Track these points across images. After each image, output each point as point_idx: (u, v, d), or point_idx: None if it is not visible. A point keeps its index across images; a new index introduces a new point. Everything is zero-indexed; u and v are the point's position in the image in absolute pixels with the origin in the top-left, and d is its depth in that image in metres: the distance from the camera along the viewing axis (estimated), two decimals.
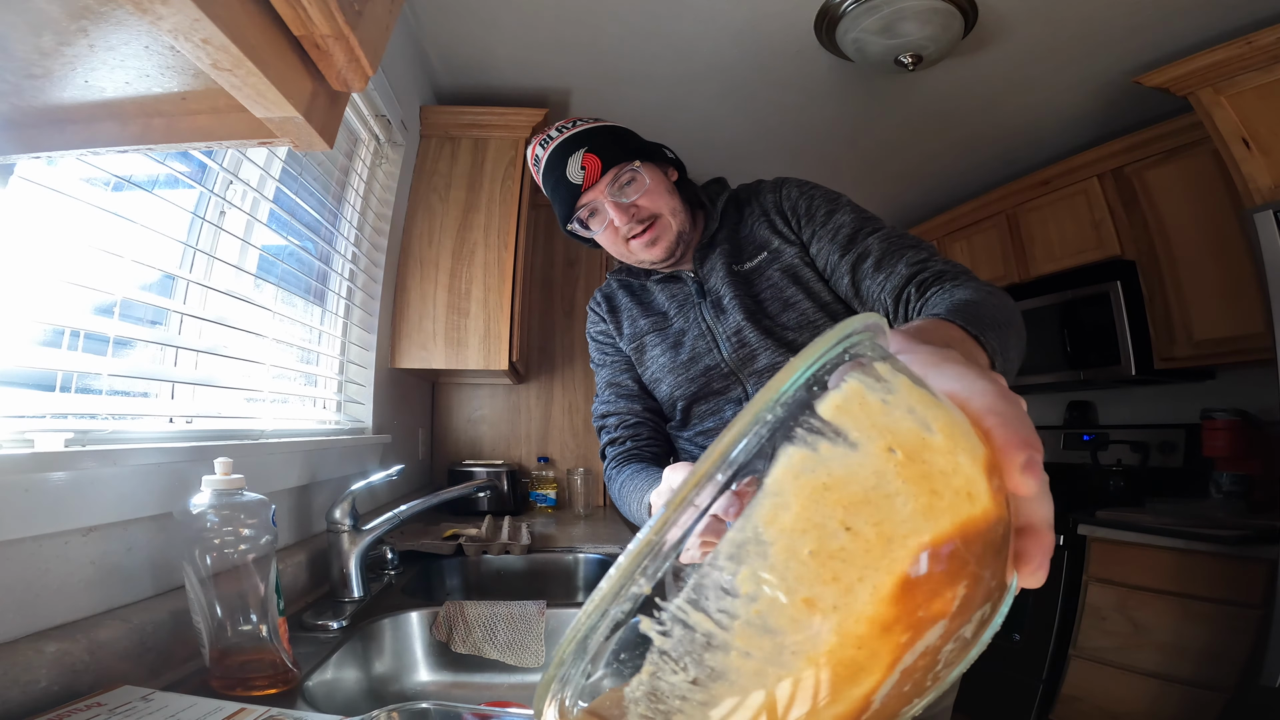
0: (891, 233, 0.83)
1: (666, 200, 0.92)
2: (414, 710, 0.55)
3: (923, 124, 2.38)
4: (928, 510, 0.19)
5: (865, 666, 0.19)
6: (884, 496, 0.19)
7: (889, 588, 0.18)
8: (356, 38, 0.38)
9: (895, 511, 0.19)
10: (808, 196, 0.91)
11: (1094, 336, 2.34)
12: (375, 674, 0.92)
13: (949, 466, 0.20)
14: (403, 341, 1.88)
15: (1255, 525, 1.71)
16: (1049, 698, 2.04)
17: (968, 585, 0.20)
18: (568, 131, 0.91)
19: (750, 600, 0.19)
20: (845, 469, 0.19)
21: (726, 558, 0.19)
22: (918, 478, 0.19)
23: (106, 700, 0.55)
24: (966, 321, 0.47)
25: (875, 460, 0.19)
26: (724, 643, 0.19)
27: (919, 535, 0.19)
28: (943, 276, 0.73)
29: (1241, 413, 2.05)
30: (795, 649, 0.18)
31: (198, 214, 0.99)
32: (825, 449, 0.20)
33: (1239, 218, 1.78)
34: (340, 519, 1.03)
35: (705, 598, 0.19)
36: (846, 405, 0.20)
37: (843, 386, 0.21)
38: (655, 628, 0.20)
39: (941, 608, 0.19)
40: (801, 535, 0.19)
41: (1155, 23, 1.78)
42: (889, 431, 0.20)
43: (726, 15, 1.75)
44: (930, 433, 0.20)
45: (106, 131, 0.44)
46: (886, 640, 0.19)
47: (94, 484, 0.65)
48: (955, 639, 0.20)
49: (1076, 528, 2.05)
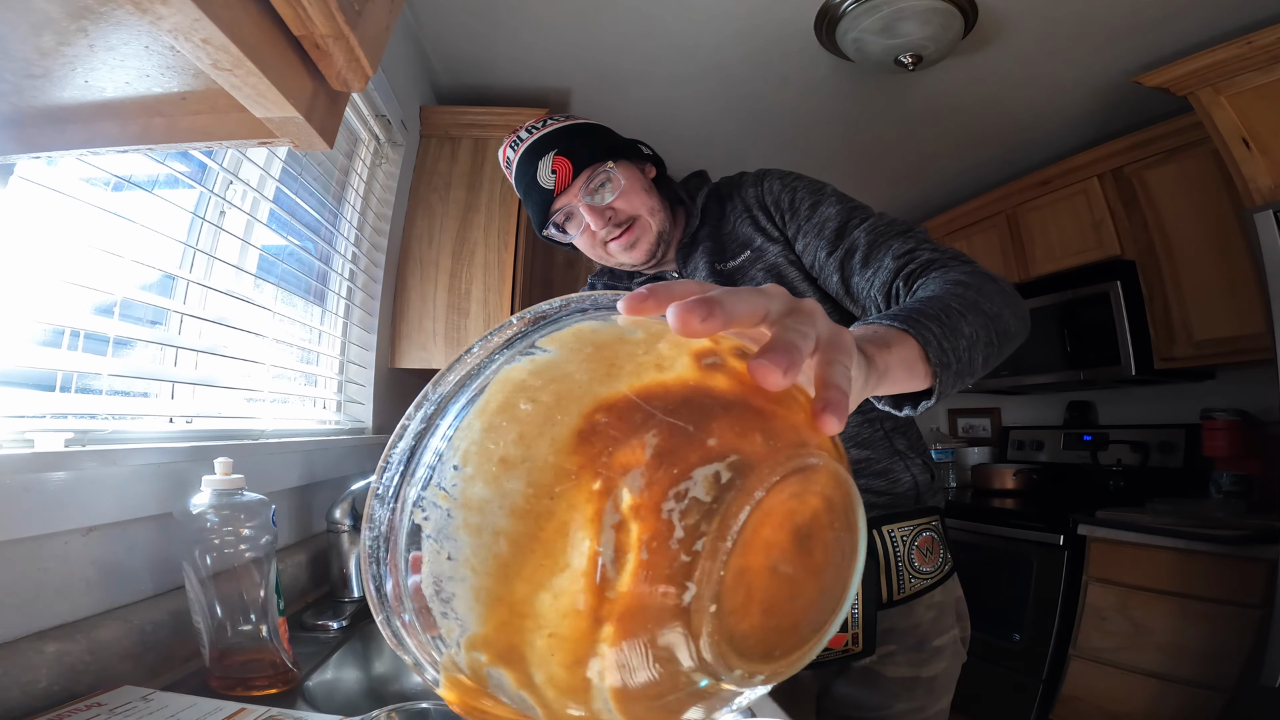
0: (878, 222, 0.79)
1: (644, 200, 0.88)
2: (414, 710, 0.55)
3: (923, 124, 2.38)
4: (604, 378, 0.22)
5: (566, 519, 0.20)
6: (565, 375, 0.22)
7: (565, 437, 0.21)
8: (356, 38, 0.38)
9: (571, 382, 0.22)
10: (790, 189, 0.87)
11: (1094, 336, 2.34)
12: (375, 674, 0.92)
13: (639, 350, 0.22)
14: (403, 341, 1.88)
15: (1255, 525, 1.71)
16: (1049, 698, 2.04)
17: (660, 434, 0.21)
18: (537, 133, 0.87)
19: (467, 469, 0.21)
20: (542, 367, 0.23)
21: (451, 443, 0.22)
22: (599, 360, 0.22)
23: (106, 700, 0.55)
24: (897, 319, 0.46)
25: (568, 357, 0.23)
26: (456, 512, 0.21)
27: (592, 394, 0.21)
28: (930, 266, 0.69)
29: (1241, 413, 2.05)
30: (500, 501, 0.20)
31: (198, 214, 0.99)
32: (532, 361, 0.23)
33: (1239, 218, 1.78)
34: (340, 519, 1.03)
35: (444, 478, 0.22)
36: (561, 335, 0.24)
37: (567, 325, 0.24)
38: (420, 516, 0.22)
39: (630, 457, 0.20)
40: (499, 414, 0.22)
41: (1155, 23, 1.78)
42: (590, 342, 0.23)
43: (727, 15, 1.75)
44: (631, 333, 0.23)
45: (106, 131, 0.44)
46: (578, 488, 0.20)
47: (94, 484, 0.65)
48: (679, 497, 0.20)
49: (1076, 528, 2.05)
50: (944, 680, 0.88)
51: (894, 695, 0.85)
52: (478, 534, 0.21)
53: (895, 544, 0.85)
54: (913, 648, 0.86)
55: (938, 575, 0.88)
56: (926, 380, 0.45)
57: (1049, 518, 2.15)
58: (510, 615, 0.20)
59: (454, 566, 0.21)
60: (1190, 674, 1.74)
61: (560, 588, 0.20)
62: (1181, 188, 2.12)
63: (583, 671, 0.20)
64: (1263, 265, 1.66)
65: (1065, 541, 2.07)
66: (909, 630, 0.86)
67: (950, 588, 0.91)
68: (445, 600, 0.21)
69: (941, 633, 0.88)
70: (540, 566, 0.20)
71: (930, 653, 0.86)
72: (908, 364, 0.44)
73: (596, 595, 0.20)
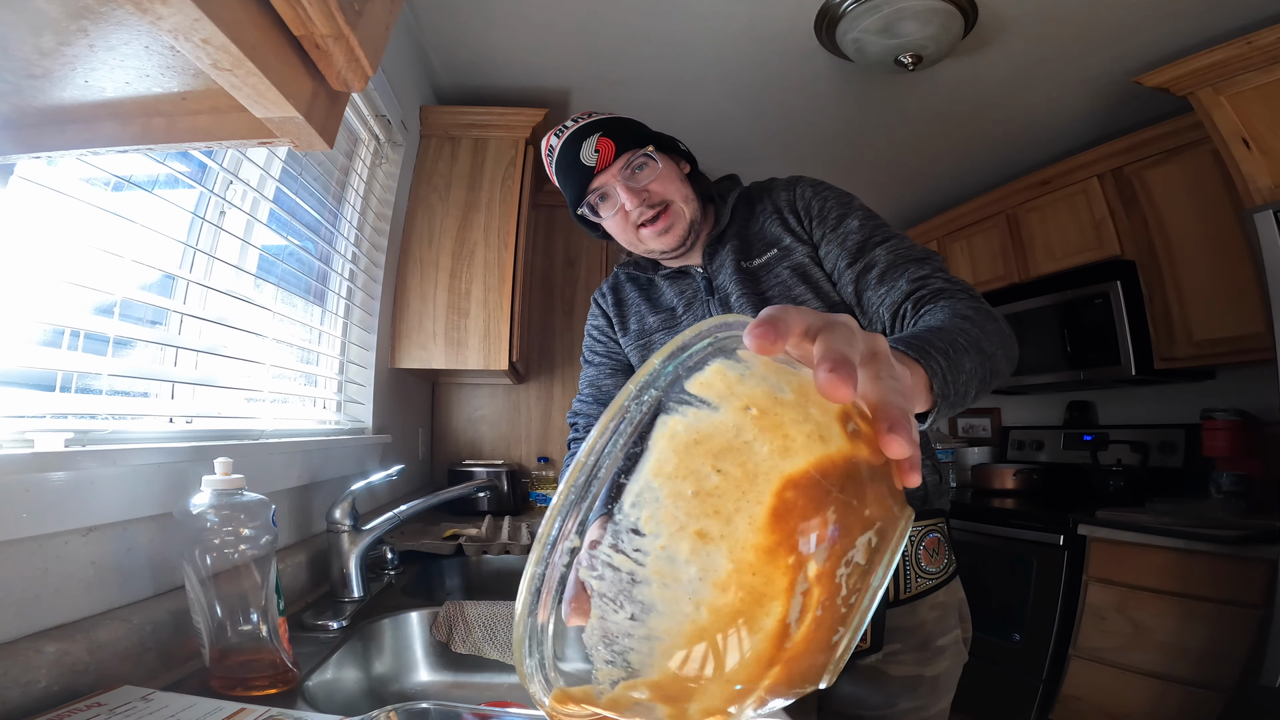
0: (899, 244, 0.84)
1: (678, 188, 0.91)
2: (414, 710, 0.55)
3: (923, 124, 2.38)
4: (783, 451, 0.23)
5: (764, 591, 0.22)
6: (744, 444, 0.23)
7: (763, 516, 0.22)
8: (356, 38, 0.38)
9: (755, 454, 0.23)
10: (821, 197, 0.91)
11: (1094, 336, 2.34)
12: (375, 674, 0.92)
13: (800, 417, 0.24)
14: (403, 341, 1.88)
15: (1255, 525, 1.71)
16: (1049, 698, 2.04)
17: (837, 511, 0.23)
18: (582, 121, 0.92)
19: (655, 537, 0.23)
20: (710, 426, 0.24)
21: (630, 505, 0.23)
22: (771, 427, 0.23)
23: (106, 700, 0.55)
24: (910, 347, 0.50)
25: (734, 417, 0.24)
26: (645, 578, 0.23)
27: (779, 470, 0.23)
28: (940, 295, 0.74)
29: (1241, 413, 2.05)
30: (701, 575, 0.22)
31: (198, 214, 0.99)
32: (693, 414, 0.24)
33: (1239, 218, 1.78)
34: (340, 519, 1.03)
35: (621, 541, 0.23)
36: (709, 380, 0.25)
37: (705, 367, 0.25)
38: (590, 574, 0.23)
39: (818, 533, 0.23)
40: (683, 480, 0.23)
41: (1155, 23, 1.78)
42: (745, 395, 0.24)
43: (726, 16, 1.75)
44: (782, 392, 0.25)
45: (106, 131, 0.44)
46: (775, 563, 0.22)
47: (94, 484, 0.65)
48: (847, 564, 0.23)
49: (1076, 528, 2.05)
50: (946, 679, 0.89)
51: (897, 694, 0.87)
52: (674, 603, 0.23)
53: None
54: (917, 647, 0.87)
55: (943, 576, 0.90)
56: (923, 407, 0.49)
57: (1049, 518, 2.15)
58: (695, 669, 0.23)
59: (637, 626, 0.23)
60: (1190, 674, 1.74)
61: (749, 646, 0.23)
62: (1181, 188, 2.12)
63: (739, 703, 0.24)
64: (1263, 265, 1.67)
65: (1065, 541, 2.07)
66: (913, 629, 0.87)
67: (954, 589, 0.93)
68: (617, 651, 0.24)
69: (944, 632, 0.89)
70: (736, 631, 0.22)
71: (934, 652, 0.88)
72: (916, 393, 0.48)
73: (777, 647, 0.23)
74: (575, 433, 1.02)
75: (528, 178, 2.02)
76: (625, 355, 1.05)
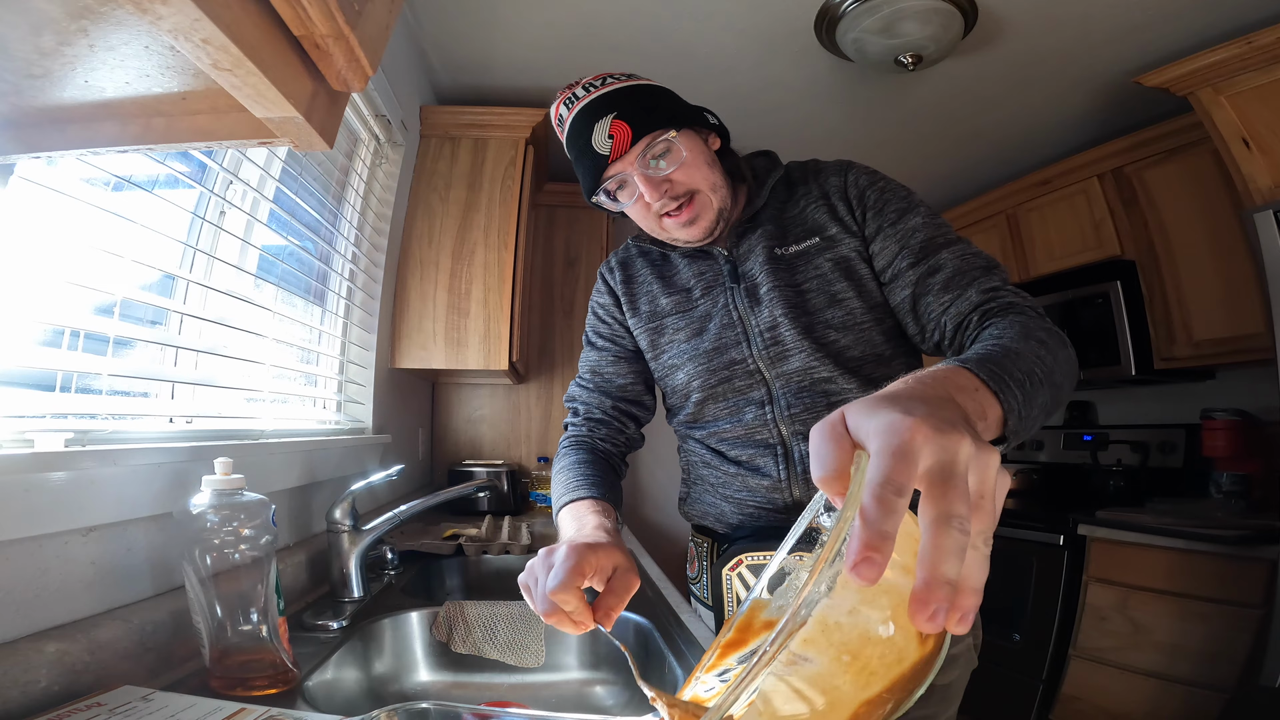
0: (965, 249, 0.78)
1: (705, 174, 0.82)
2: (414, 710, 0.55)
3: (923, 124, 2.38)
4: (864, 685, 0.30)
5: None
6: (834, 687, 0.30)
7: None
8: (356, 38, 0.38)
9: (840, 688, 0.30)
10: (878, 189, 0.83)
11: (1094, 336, 2.34)
12: (375, 674, 0.92)
13: (883, 650, 0.30)
14: (403, 341, 1.88)
15: (1255, 525, 1.71)
16: (1049, 698, 2.04)
17: (893, 702, 0.30)
18: (595, 91, 0.81)
19: None
20: (811, 677, 0.30)
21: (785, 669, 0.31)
22: (858, 670, 0.30)
23: (106, 700, 0.55)
24: (989, 375, 0.47)
25: (830, 665, 0.30)
26: None
27: (857, 697, 0.30)
28: (1010, 310, 0.70)
29: (1241, 413, 2.05)
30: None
31: (198, 214, 0.99)
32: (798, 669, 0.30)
33: (1239, 218, 1.78)
34: (340, 519, 1.03)
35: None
36: (810, 637, 0.30)
37: (809, 622, 0.30)
38: None
39: (879, 714, 0.30)
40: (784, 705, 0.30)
41: (1155, 23, 1.78)
42: (838, 644, 0.30)
43: (726, 15, 1.75)
44: (880, 631, 0.31)
45: (106, 131, 0.44)
46: None
47: (94, 484, 0.65)
48: None
49: (1076, 528, 2.05)
50: (956, 687, 0.87)
51: None
52: None
53: None
54: None
55: None
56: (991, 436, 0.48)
57: (1049, 518, 2.15)
58: None
59: None
60: (1190, 674, 1.74)
61: None
62: (1181, 188, 2.12)
63: None
64: (1263, 265, 1.67)
65: (1065, 541, 2.07)
66: None
67: None
68: None
69: (957, 641, 0.87)
70: None
71: (946, 661, 0.85)
72: (989, 431, 0.47)
73: None
74: (573, 415, 0.97)
75: (528, 178, 2.03)
76: (631, 339, 0.97)
